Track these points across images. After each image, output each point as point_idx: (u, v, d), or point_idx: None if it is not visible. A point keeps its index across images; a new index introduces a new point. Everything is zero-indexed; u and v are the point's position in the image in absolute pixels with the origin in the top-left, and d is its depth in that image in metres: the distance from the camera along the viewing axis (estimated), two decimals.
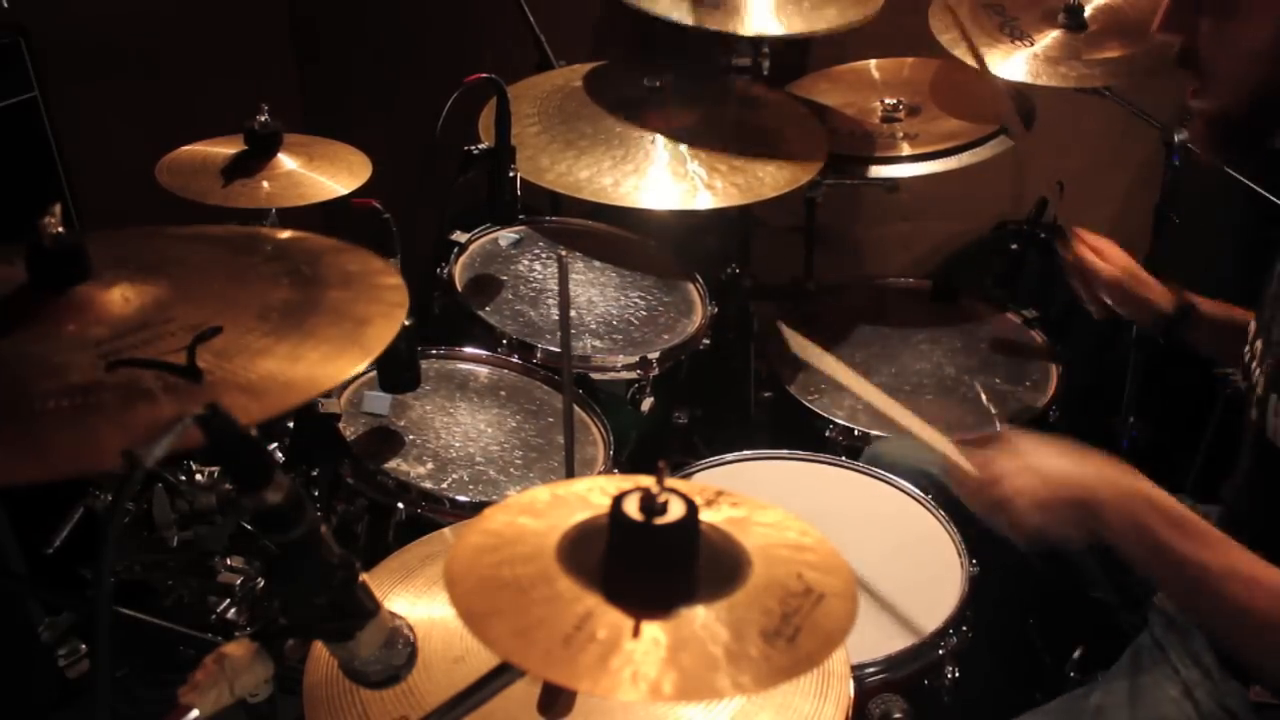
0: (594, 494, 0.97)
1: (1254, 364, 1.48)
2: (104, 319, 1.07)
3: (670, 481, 0.88)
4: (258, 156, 1.92)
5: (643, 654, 0.82)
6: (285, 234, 1.32)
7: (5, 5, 2.21)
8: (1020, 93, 2.43)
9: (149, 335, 1.04)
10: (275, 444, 1.85)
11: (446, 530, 1.49)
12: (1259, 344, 1.48)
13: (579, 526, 0.93)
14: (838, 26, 2.30)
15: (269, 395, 0.98)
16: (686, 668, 0.82)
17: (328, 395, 1.83)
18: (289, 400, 0.98)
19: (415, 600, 1.28)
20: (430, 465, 1.82)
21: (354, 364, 1.05)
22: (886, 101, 2.52)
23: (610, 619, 0.84)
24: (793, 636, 0.85)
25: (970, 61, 1.85)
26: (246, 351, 1.03)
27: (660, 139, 2.23)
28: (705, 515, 0.94)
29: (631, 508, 0.86)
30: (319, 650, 1.18)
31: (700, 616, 0.86)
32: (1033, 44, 2.21)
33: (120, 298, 1.09)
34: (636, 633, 0.83)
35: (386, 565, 1.35)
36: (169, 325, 1.05)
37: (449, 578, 0.89)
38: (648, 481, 0.89)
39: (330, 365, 1.04)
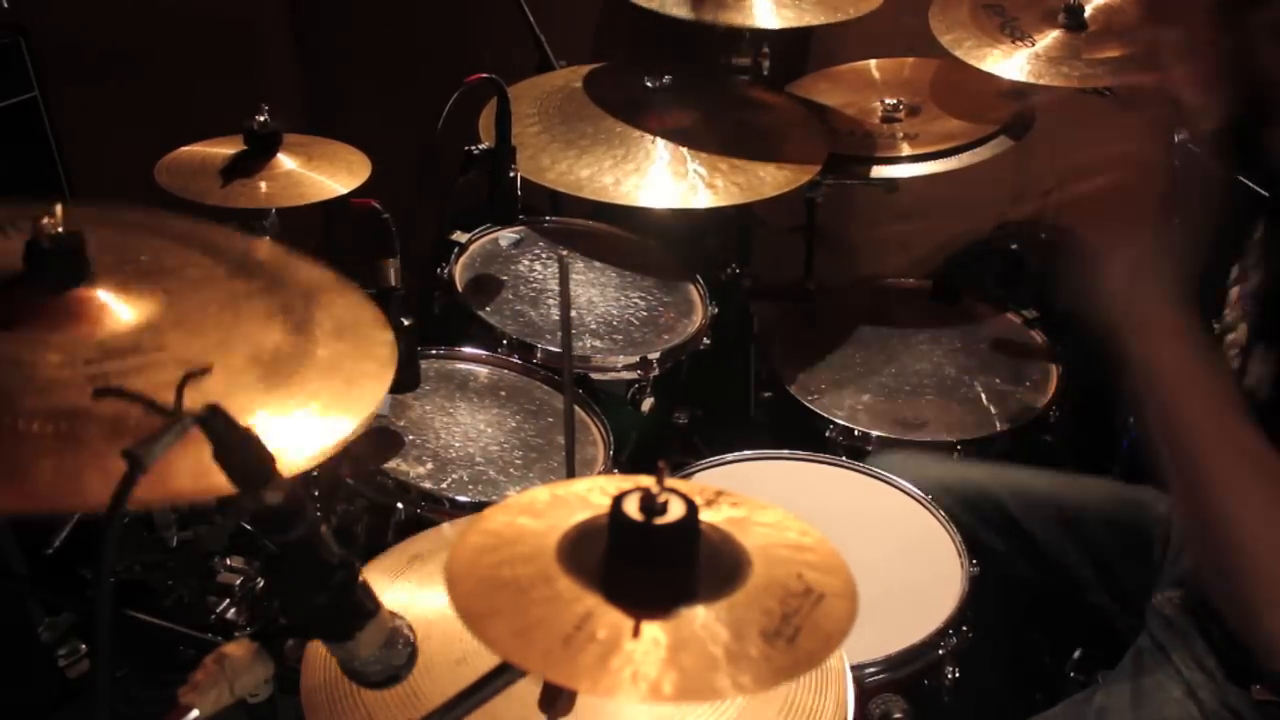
0: (594, 494, 0.97)
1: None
2: (96, 333, 1.04)
3: (670, 481, 0.88)
4: (257, 156, 1.92)
5: (643, 654, 0.82)
6: (280, 258, 1.29)
7: (5, 5, 2.21)
8: (1024, 93, 2.43)
9: (139, 362, 1.01)
10: None
11: (445, 525, 1.49)
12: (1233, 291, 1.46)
13: (579, 526, 0.93)
14: (831, 20, 2.31)
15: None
16: (686, 668, 0.81)
17: None
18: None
19: (411, 599, 1.28)
20: (430, 465, 1.82)
21: (339, 430, 1.01)
22: (886, 101, 2.52)
23: (610, 619, 0.84)
24: (793, 637, 0.85)
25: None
26: (233, 397, 0.99)
27: (660, 139, 2.23)
28: (705, 515, 0.94)
29: (631, 508, 0.86)
30: (316, 652, 1.18)
31: (700, 617, 0.86)
32: (1033, 44, 2.21)
33: (114, 311, 1.08)
34: (636, 633, 0.83)
35: (378, 564, 1.34)
36: (160, 354, 1.03)
37: (449, 577, 0.89)
38: (648, 482, 0.89)
39: (313, 429, 1.00)
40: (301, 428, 1.00)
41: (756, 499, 1.00)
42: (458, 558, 0.91)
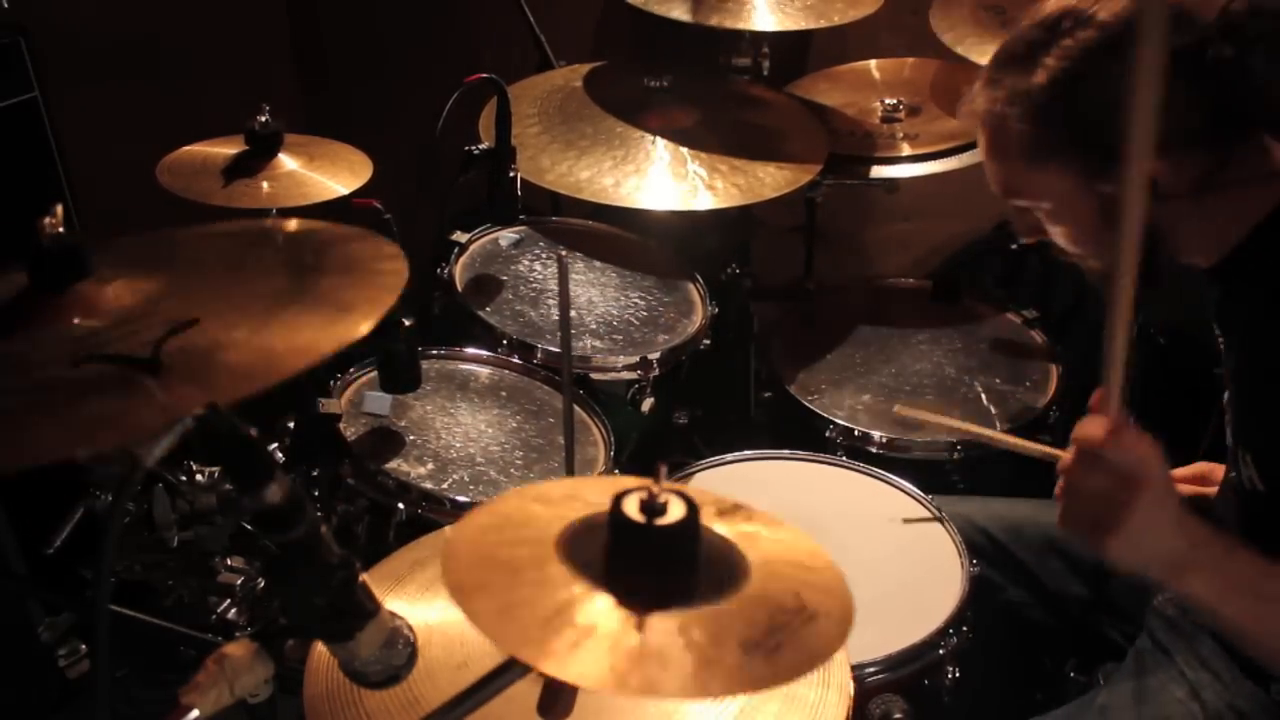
0: (608, 492, 0.97)
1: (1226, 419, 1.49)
2: (92, 317, 1.04)
3: (694, 492, 0.88)
4: (258, 157, 1.92)
5: (615, 646, 0.82)
6: (304, 224, 1.28)
7: (5, 5, 2.21)
8: None
9: (128, 330, 1.01)
10: (275, 444, 1.85)
11: (447, 529, 1.49)
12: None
13: (585, 519, 0.93)
14: (817, 25, 2.32)
15: (225, 384, 0.94)
16: (655, 665, 0.82)
17: (327, 396, 1.84)
18: (242, 389, 0.94)
19: (412, 605, 1.28)
20: (431, 465, 1.82)
21: (323, 348, 0.99)
22: (886, 101, 2.52)
23: (593, 609, 0.85)
24: (774, 650, 0.85)
25: None
26: (217, 343, 0.98)
27: (660, 139, 2.23)
28: (717, 525, 0.94)
29: (632, 508, 0.86)
30: (319, 659, 1.18)
31: (682, 618, 0.86)
32: None
33: (113, 296, 1.08)
34: (615, 624, 0.84)
35: (379, 571, 1.35)
36: (151, 318, 1.03)
37: (448, 547, 0.89)
38: (677, 489, 0.89)
39: (299, 351, 0.98)
40: (293, 343, 0.98)
41: (774, 515, 1.01)
42: (461, 532, 0.91)
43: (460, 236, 2.22)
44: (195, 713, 0.91)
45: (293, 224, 1.30)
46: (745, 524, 0.98)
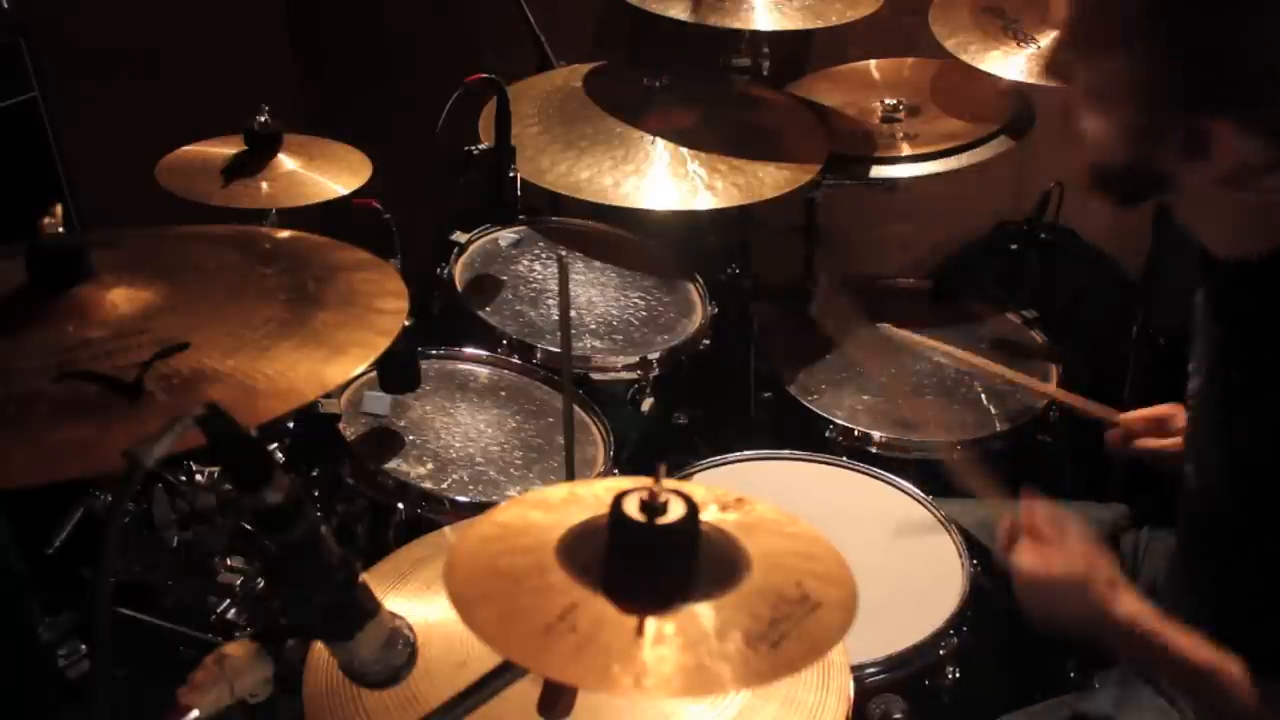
0: (608, 494, 0.97)
1: None
2: (87, 326, 1.04)
3: (691, 486, 0.88)
4: (258, 157, 1.92)
5: (618, 648, 0.83)
6: (311, 243, 1.27)
7: (5, 5, 2.21)
8: (1021, 92, 2.43)
9: (118, 345, 1.01)
10: (275, 444, 1.85)
11: (446, 529, 1.49)
12: None
13: (584, 523, 0.93)
14: (813, 24, 2.32)
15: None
16: (660, 663, 0.82)
17: (328, 395, 1.84)
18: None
19: (411, 604, 1.28)
20: (430, 465, 1.82)
21: (306, 394, 1.01)
22: (886, 101, 2.52)
23: (594, 612, 0.85)
24: (777, 642, 0.85)
25: None
26: (204, 373, 0.99)
27: (660, 139, 2.23)
28: (720, 518, 0.94)
29: (632, 508, 0.86)
30: (319, 659, 1.18)
31: (685, 615, 0.86)
32: (1038, 45, 2.20)
33: (111, 304, 1.07)
34: (617, 626, 0.84)
35: (379, 570, 1.35)
36: (142, 336, 1.02)
37: (449, 562, 0.89)
38: (678, 487, 0.89)
39: (282, 394, 1.00)
40: (277, 385, 0.99)
41: (777, 505, 1.01)
42: (462, 545, 0.91)
43: (460, 236, 2.22)
44: (195, 713, 0.91)
45: (300, 242, 1.29)
46: (746, 515, 0.98)
